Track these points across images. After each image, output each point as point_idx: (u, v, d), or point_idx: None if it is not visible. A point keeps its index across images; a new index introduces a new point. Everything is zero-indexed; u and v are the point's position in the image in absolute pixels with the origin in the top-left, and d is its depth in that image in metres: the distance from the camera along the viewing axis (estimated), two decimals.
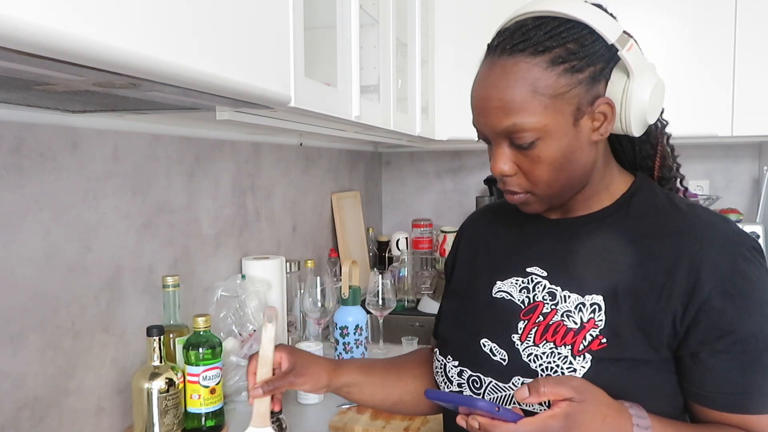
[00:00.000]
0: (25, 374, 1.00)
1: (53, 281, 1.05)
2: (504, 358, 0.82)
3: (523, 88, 0.73)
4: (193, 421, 1.16)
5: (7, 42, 0.44)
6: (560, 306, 0.80)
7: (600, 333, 0.76)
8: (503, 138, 0.77)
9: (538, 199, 0.80)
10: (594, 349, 0.76)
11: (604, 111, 0.76)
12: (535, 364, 0.79)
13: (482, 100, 0.76)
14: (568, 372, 0.76)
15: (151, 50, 0.58)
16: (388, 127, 1.54)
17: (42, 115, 1.02)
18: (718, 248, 0.75)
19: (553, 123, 0.74)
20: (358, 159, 2.53)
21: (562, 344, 0.78)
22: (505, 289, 0.86)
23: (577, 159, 0.77)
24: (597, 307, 0.78)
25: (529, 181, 0.78)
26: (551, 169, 0.76)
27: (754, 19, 2.03)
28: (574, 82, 0.73)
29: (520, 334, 0.81)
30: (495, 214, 0.98)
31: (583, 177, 0.80)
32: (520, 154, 0.77)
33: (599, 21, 0.74)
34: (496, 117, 0.75)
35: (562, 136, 0.74)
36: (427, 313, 2.17)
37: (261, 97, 0.85)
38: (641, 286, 0.77)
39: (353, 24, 1.25)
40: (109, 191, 1.17)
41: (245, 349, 1.35)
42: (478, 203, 2.47)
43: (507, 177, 0.79)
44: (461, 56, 2.12)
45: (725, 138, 2.14)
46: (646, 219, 0.81)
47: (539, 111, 0.73)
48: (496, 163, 0.78)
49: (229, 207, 1.58)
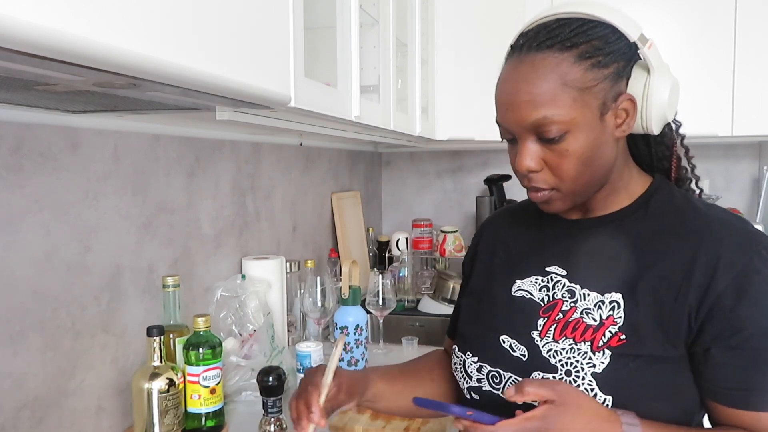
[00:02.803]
0: (25, 374, 1.00)
1: (53, 281, 1.05)
2: (524, 354, 0.83)
3: (553, 81, 0.74)
4: (193, 421, 1.16)
5: (7, 42, 0.44)
6: (579, 303, 0.81)
7: (619, 330, 0.77)
8: (531, 133, 0.77)
9: (563, 195, 0.81)
10: (613, 345, 0.77)
11: (627, 108, 0.78)
12: (555, 360, 0.80)
13: (511, 95, 0.77)
14: (588, 367, 0.77)
15: (151, 50, 0.58)
16: (388, 127, 1.54)
17: (42, 115, 1.02)
18: (734, 247, 0.76)
19: (581, 116, 0.75)
20: (358, 159, 2.53)
21: (581, 340, 0.79)
22: (524, 288, 0.88)
23: (602, 154, 0.78)
24: (616, 304, 0.79)
25: (555, 177, 0.79)
26: (579, 163, 0.77)
27: (754, 19, 2.03)
28: (600, 77, 0.75)
29: (540, 331, 0.83)
30: (514, 216, 0.99)
31: (606, 174, 0.81)
32: (547, 149, 0.78)
33: (621, 20, 0.77)
34: (525, 110, 0.76)
35: (589, 130, 0.76)
36: (427, 313, 2.17)
37: (261, 97, 0.85)
38: (660, 284, 0.78)
39: (353, 24, 1.25)
40: (109, 191, 1.17)
41: (245, 349, 1.35)
42: (478, 203, 2.46)
43: (533, 173, 0.79)
44: (461, 56, 2.12)
45: (725, 138, 2.14)
46: (664, 219, 0.82)
47: (568, 104, 0.75)
48: (523, 160, 0.78)
49: (229, 207, 1.58)
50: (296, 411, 0.81)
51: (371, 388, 0.93)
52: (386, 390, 0.95)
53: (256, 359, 1.34)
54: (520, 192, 2.55)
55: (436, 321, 2.12)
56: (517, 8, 2.06)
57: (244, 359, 1.34)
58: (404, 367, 1.03)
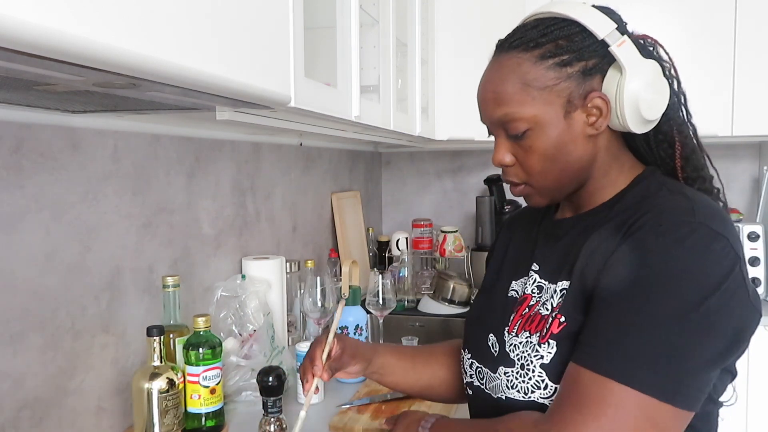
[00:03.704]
0: (25, 374, 1.00)
1: (53, 281, 1.05)
2: (496, 350, 0.87)
3: (514, 80, 0.78)
4: (193, 421, 1.16)
5: (7, 42, 0.44)
6: (543, 296, 0.83)
7: (560, 312, 0.79)
8: (500, 128, 0.82)
9: (537, 191, 0.84)
10: (555, 332, 0.78)
11: (598, 105, 0.78)
12: (513, 354, 0.82)
13: (481, 93, 0.83)
14: (536, 360, 0.79)
15: (151, 50, 0.58)
16: (388, 127, 1.54)
17: (42, 115, 1.02)
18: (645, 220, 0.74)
19: (542, 114, 0.78)
20: (358, 159, 2.53)
21: (536, 332, 0.81)
22: (515, 288, 0.91)
23: (569, 151, 0.80)
24: (565, 291, 0.80)
25: (524, 172, 0.82)
26: (543, 159, 0.80)
27: (754, 19, 2.04)
28: (563, 75, 0.77)
29: (509, 326, 0.86)
30: (527, 216, 1.01)
31: (580, 171, 0.82)
32: (516, 145, 0.81)
33: (590, 19, 0.78)
34: (491, 108, 0.81)
35: (552, 127, 0.78)
36: (427, 313, 2.16)
37: (261, 97, 0.85)
38: (588, 263, 0.77)
39: (353, 24, 1.25)
40: (109, 191, 1.17)
41: (245, 349, 1.35)
42: (478, 203, 2.46)
43: (506, 168, 0.84)
44: (461, 56, 2.12)
45: (725, 138, 2.14)
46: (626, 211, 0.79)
47: (529, 102, 0.78)
48: (496, 154, 0.83)
49: (229, 207, 1.58)
50: (302, 368, 0.93)
51: (379, 358, 1.00)
52: (394, 363, 1.02)
53: (256, 359, 1.34)
54: None
55: (436, 321, 2.12)
56: (517, 8, 2.06)
57: (244, 359, 1.34)
58: (418, 348, 1.09)
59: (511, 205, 2.40)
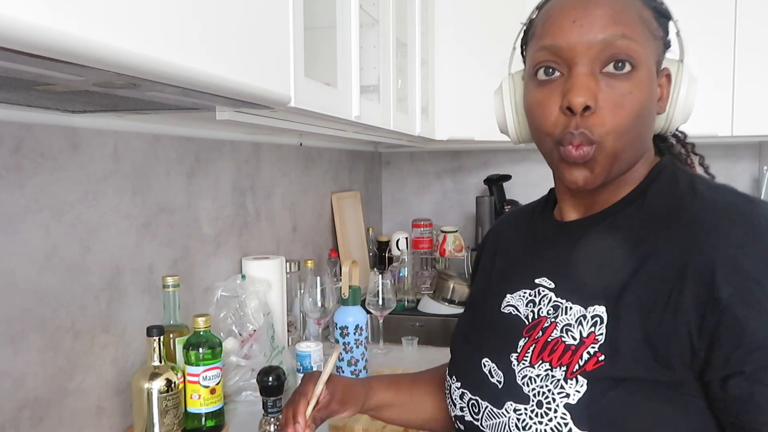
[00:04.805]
0: (25, 374, 1.00)
1: (53, 281, 1.05)
2: (500, 381, 0.72)
3: (633, 8, 0.67)
4: (193, 421, 1.16)
5: (7, 42, 0.44)
6: (560, 319, 0.69)
7: (599, 349, 0.64)
8: (596, 56, 0.65)
9: (605, 157, 0.66)
10: (589, 370, 0.64)
11: (663, 84, 0.71)
12: (528, 389, 0.68)
13: (584, 9, 0.66)
14: (560, 398, 0.65)
15: (151, 50, 0.58)
16: (388, 127, 1.54)
17: (42, 115, 1.02)
18: (737, 241, 0.60)
19: (649, 61, 0.67)
20: (358, 159, 2.53)
21: (558, 365, 0.66)
22: (512, 303, 0.77)
23: (651, 117, 0.69)
24: (599, 319, 0.66)
25: (606, 123, 0.65)
26: (632, 113, 0.65)
27: (754, 20, 2.03)
28: (657, 34, 0.69)
29: (519, 353, 0.71)
30: (516, 220, 0.90)
31: (642, 149, 0.70)
32: (606, 87, 0.65)
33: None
34: (601, 23, 0.64)
35: (650, 81, 0.67)
36: (427, 313, 2.17)
37: (261, 97, 0.85)
38: (647, 290, 0.63)
39: (353, 24, 1.25)
40: (109, 191, 1.17)
41: (245, 349, 1.35)
42: (478, 203, 2.46)
43: (582, 115, 0.65)
44: (461, 56, 2.12)
45: (725, 138, 2.13)
46: (659, 208, 0.68)
47: (643, 39, 0.66)
48: (580, 89, 0.64)
49: (229, 207, 1.58)
50: (285, 418, 0.80)
51: (373, 397, 0.89)
52: (392, 399, 0.91)
53: (256, 359, 1.34)
54: (520, 192, 2.56)
55: (436, 321, 2.12)
56: (517, 8, 2.05)
57: (244, 359, 1.34)
58: (415, 376, 0.97)
59: (511, 205, 2.40)
